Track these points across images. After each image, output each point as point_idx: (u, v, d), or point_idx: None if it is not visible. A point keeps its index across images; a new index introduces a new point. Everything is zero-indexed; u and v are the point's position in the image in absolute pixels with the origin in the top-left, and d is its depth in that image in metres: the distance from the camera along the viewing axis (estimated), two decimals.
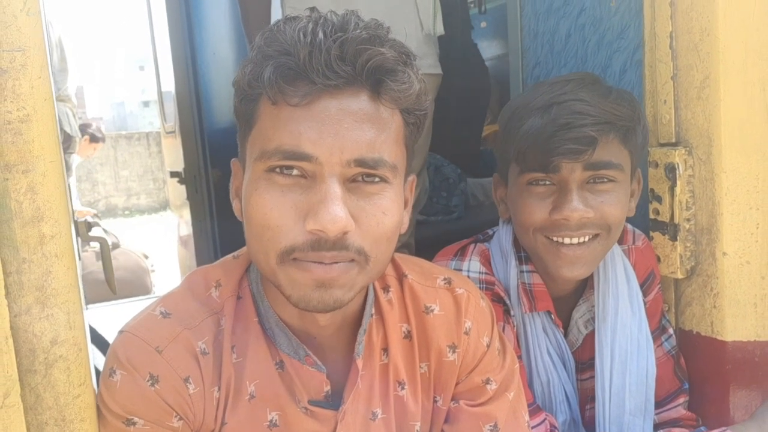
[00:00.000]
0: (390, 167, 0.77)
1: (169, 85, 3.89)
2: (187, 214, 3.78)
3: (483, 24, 3.74)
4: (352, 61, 0.73)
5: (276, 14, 1.86)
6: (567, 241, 1.06)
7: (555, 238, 1.07)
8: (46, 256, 0.75)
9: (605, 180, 1.06)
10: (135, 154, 13.69)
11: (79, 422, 0.78)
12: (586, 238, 1.07)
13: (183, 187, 3.72)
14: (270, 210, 0.75)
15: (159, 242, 8.07)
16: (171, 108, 3.89)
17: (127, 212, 13.49)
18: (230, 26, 3.21)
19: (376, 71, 0.75)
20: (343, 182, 0.75)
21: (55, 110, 0.78)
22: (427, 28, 1.73)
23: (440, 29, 1.79)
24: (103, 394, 0.82)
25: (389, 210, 0.78)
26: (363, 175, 0.76)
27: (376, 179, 0.77)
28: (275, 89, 0.74)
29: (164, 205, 14.41)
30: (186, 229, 3.91)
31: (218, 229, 3.61)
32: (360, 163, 0.75)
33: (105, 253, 1.54)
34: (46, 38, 0.77)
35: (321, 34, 0.73)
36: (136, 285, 5.39)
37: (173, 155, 3.88)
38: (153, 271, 6.04)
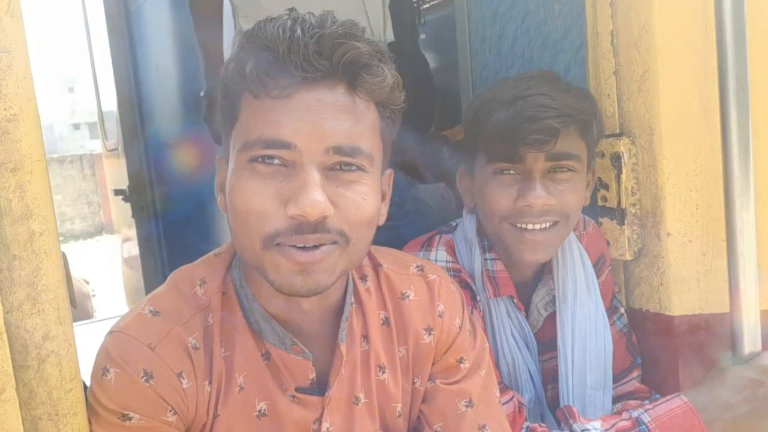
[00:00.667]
0: (367, 156, 0.82)
1: (109, 102, 3.83)
2: (131, 232, 3.72)
3: (422, 36, 3.83)
4: (329, 56, 0.78)
5: (228, 24, 1.88)
6: (530, 227, 1.13)
7: (519, 225, 1.14)
8: (36, 252, 0.76)
9: (565, 170, 1.14)
10: (68, 178, 13.31)
11: (72, 416, 0.79)
12: (548, 224, 1.14)
13: (127, 206, 3.67)
14: (252, 196, 0.79)
15: (97, 267, 7.86)
16: (112, 126, 3.84)
17: (61, 238, 13.04)
18: (173, 41, 3.20)
19: (352, 65, 0.79)
20: (322, 170, 0.79)
21: (38, 110, 0.79)
22: (377, 34, 1.79)
23: (390, 36, 1.85)
24: (96, 392, 0.84)
25: (367, 195, 0.82)
26: (341, 164, 0.80)
27: (354, 167, 0.81)
28: (256, 82, 0.78)
29: (100, 230, 14.01)
30: (130, 248, 3.85)
31: (165, 244, 3.57)
32: (338, 150, 0.79)
33: (65, 267, 1.52)
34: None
35: (299, 31, 0.77)
36: (78, 310, 5.23)
37: (116, 173, 3.83)
38: (94, 296, 5.89)
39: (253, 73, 0.78)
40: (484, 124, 1.14)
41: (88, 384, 0.86)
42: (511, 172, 1.15)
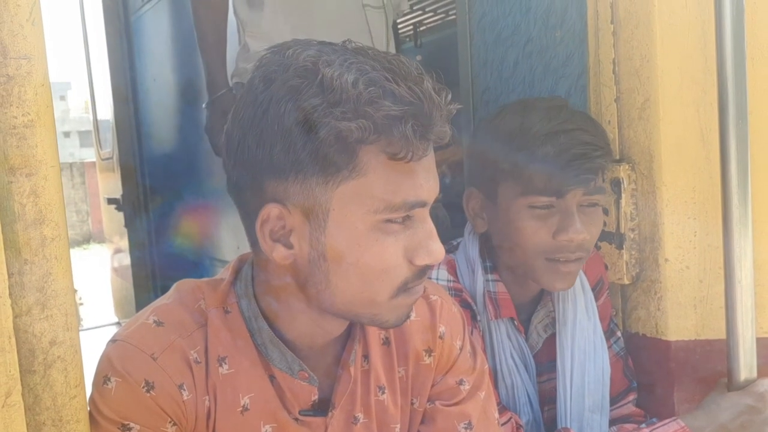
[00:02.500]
0: None
1: (105, 111, 3.84)
2: (123, 242, 3.71)
3: (418, 57, 3.87)
4: (449, 117, 0.80)
5: (233, 39, 1.90)
6: (563, 259, 1.15)
7: (557, 258, 1.15)
8: (47, 258, 0.76)
9: (594, 204, 1.16)
10: None
11: (75, 423, 0.79)
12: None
13: (120, 215, 3.66)
14: (390, 255, 0.81)
15: (85, 275, 7.80)
16: (107, 135, 3.84)
17: None
18: (172, 52, 3.21)
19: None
20: None
21: (54, 117, 0.80)
22: None
23: None
24: (97, 401, 0.84)
25: None
26: None
27: None
28: (407, 148, 0.77)
29: (88, 238, 13.93)
30: (121, 257, 3.83)
31: (157, 254, 3.56)
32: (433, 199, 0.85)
33: None
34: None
35: (435, 93, 0.77)
36: None
37: (110, 182, 3.82)
38: (81, 304, 5.85)
39: (409, 137, 0.76)
40: (522, 157, 1.13)
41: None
42: (549, 206, 1.14)
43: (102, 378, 0.84)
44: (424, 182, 0.81)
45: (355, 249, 0.81)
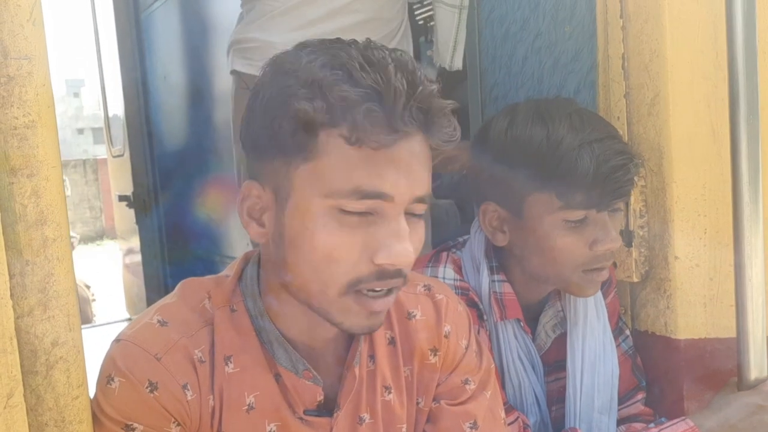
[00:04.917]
0: (428, 200, 0.83)
1: (116, 109, 3.85)
2: (134, 238, 3.73)
3: (429, 53, 3.85)
4: (427, 110, 0.77)
5: None
6: (600, 267, 1.14)
7: (595, 267, 1.14)
8: (49, 258, 0.76)
9: (618, 209, 1.15)
10: (71, 182, 13.35)
11: (78, 423, 0.79)
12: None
13: (131, 212, 3.69)
14: (339, 246, 0.79)
15: (98, 272, 7.86)
16: (118, 131, 3.86)
17: None
18: (182, 49, 3.22)
19: (441, 117, 0.79)
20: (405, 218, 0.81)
21: (56, 117, 0.80)
22: (443, 60, 1.73)
23: (458, 64, 1.76)
24: (101, 401, 0.84)
25: (424, 238, 0.85)
26: (414, 211, 0.81)
27: (420, 212, 0.82)
28: (359, 133, 0.75)
29: (101, 235, 14.04)
30: (133, 254, 3.86)
31: (168, 251, 3.58)
32: (419, 200, 0.80)
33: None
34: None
35: (404, 81, 0.75)
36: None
37: (121, 179, 3.84)
38: (94, 300, 5.89)
39: (361, 122, 0.75)
40: (560, 171, 1.08)
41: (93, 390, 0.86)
42: (584, 219, 1.11)
43: (105, 378, 0.84)
44: (390, 175, 0.77)
45: (305, 232, 0.79)
